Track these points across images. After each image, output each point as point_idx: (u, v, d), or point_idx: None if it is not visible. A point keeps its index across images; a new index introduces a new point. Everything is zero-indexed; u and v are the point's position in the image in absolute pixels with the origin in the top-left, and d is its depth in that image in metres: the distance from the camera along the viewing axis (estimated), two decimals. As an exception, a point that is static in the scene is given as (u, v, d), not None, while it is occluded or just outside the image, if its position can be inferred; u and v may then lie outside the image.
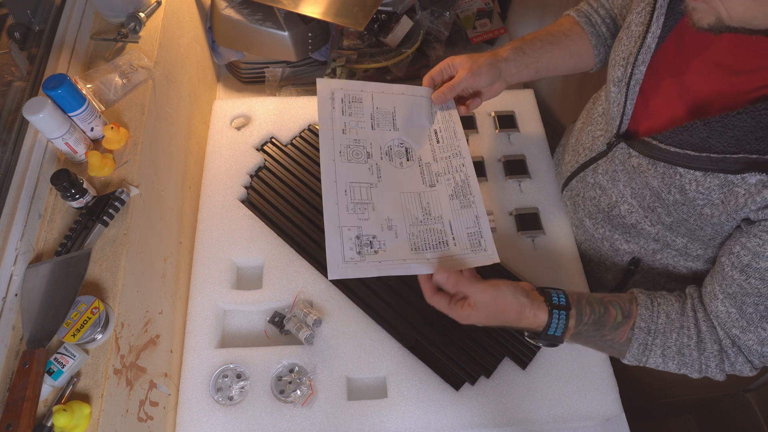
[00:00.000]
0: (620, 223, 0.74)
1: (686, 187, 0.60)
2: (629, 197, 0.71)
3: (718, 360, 0.62)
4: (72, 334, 0.57)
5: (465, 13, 1.18)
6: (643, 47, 0.64)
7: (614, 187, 0.73)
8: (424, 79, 0.82)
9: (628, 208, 0.72)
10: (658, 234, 0.70)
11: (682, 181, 0.60)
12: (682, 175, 0.60)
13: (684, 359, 0.63)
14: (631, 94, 0.67)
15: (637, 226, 0.72)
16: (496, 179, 0.94)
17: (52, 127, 0.65)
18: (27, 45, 0.77)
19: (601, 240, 0.80)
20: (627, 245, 0.76)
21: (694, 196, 0.59)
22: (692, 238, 0.67)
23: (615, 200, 0.73)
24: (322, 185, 0.70)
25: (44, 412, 0.55)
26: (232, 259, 0.85)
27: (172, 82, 0.86)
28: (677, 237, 0.69)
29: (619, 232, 0.76)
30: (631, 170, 0.68)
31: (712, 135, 0.56)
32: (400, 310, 0.80)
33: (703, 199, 0.59)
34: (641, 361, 0.65)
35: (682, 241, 0.69)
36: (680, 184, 0.60)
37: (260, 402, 0.74)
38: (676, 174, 0.61)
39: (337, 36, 1.01)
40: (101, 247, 0.65)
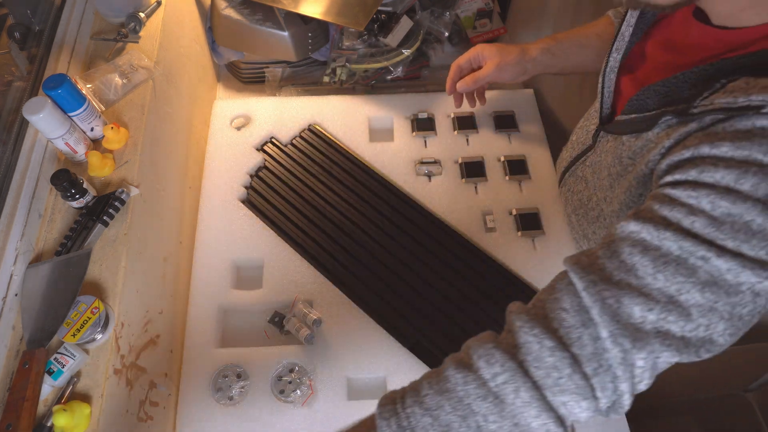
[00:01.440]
0: (593, 216, 0.74)
1: (622, 154, 0.61)
2: (607, 188, 0.71)
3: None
4: (72, 334, 0.57)
5: (465, 13, 1.18)
6: (618, 36, 0.66)
7: (595, 178, 0.73)
8: (452, 66, 0.85)
9: (603, 195, 0.72)
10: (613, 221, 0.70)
11: (621, 149, 0.62)
12: (624, 142, 0.61)
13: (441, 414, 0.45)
14: (607, 82, 0.68)
15: (601, 215, 0.72)
16: (496, 179, 0.94)
17: (52, 127, 0.65)
18: (27, 45, 0.77)
19: (583, 238, 0.80)
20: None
21: (626, 163, 0.61)
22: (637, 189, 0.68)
23: (592, 191, 0.74)
24: None
25: (44, 412, 0.55)
26: (232, 259, 0.85)
27: (172, 82, 0.86)
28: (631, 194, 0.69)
29: (591, 230, 0.77)
30: (606, 156, 0.69)
31: (648, 97, 0.57)
32: (400, 310, 0.80)
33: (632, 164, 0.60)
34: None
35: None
36: (619, 152, 0.62)
37: (260, 402, 0.73)
38: (621, 144, 0.62)
39: (337, 36, 1.01)
40: (101, 247, 0.65)
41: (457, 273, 0.83)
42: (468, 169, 0.94)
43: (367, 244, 0.86)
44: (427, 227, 0.88)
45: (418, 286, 0.82)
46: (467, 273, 0.83)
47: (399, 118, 1.01)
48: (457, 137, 0.99)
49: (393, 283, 0.82)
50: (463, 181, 0.94)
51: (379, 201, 0.90)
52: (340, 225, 0.88)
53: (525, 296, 0.81)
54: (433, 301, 0.81)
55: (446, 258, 0.85)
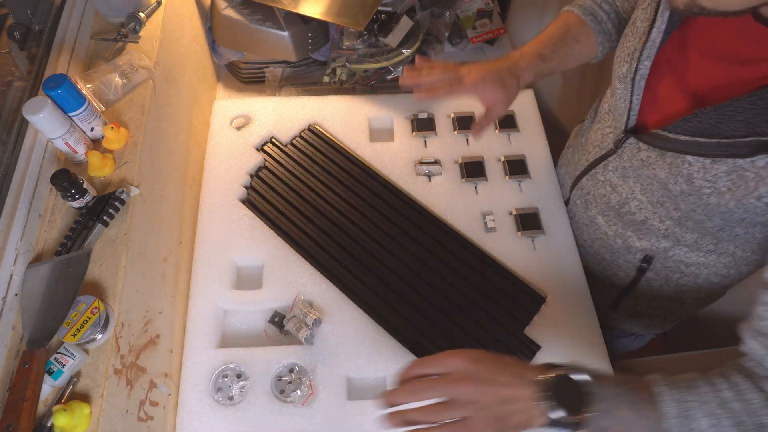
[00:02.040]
0: (631, 220, 0.74)
1: (693, 175, 0.60)
2: (639, 193, 0.71)
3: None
4: (72, 334, 0.57)
5: (465, 13, 1.18)
6: (648, 42, 0.65)
7: (624, 183, 0.73)
8: (441, 91, 0.78)
9: (637, 204, 0.72)
10: (668, 230, 0.70)
11: (690, 169, 0.60)
12: (691, 163, 0.59)
13: (735, 416, 0.51)
14: (636, 89, 0.67)
15: (647, 222, 0.72)
16: (496, 179, 0.94)
17: (52, 127, 0.65)
18: (27, 45, 0.77)
19: (614, 237, 0.79)
20: (639, 242, 0.76)
21: (701, 184, 0.59)
22: (702, 232, 0.67)
23: (625, 197, 0.73)
24: None
25: (44, 412, 0.55)
26: (232, 259, 0.85)
27: (172, 82, 0.86)
28: (687, 233, 0.68)
29: (631, 230, 0.76)
30: (640, 165, 0.68)
31: (721, 120, 0.56)
32: (400, 310, 0.80)
33: (709, 187, 0.58)
34: (686, 425, 0.51)
35: (692, 237, 0.68)
36: (687, 173, 0.60)
37: (260, 402, 0.73)
38: (684, 163, 0.60)
39: (337, 36, 1.01)
40: (101, 247, 0.65)
41: (457, 273, 0.83)
42: (468, 169, 0.94)
43: (367, 244, 0.86)
44: (427, 227, 0.88)
45: (418, 286, 0.82)
46: (467, 273, 0.83)
47: (399, 118, 1.01)
48: (457, 137, 0.99)
49: (393, 283, 0.82)
50: (463, 181, 0.94)
51: (379, 201, 0.90)
52: (340, 225, 0.88)
53: (525, 296, 0.82)
54: (433, 301, 0.81)
55: (446, 258, 0.85)
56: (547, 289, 0.83)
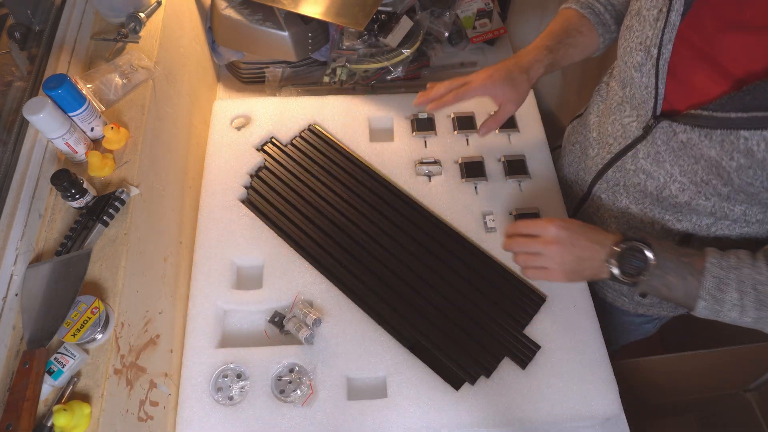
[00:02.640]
0: (671, 203, 0.73)
1: (753, 149, 0.59)
2: (678, 175, 0.70)
3: None
4: (72, 333, 0.57)
5: (465, 13, 1.18)
6: (668, 26, 0.65)
7: (660, 168, 0.72)
8: (451, 96, 0.81)
9: (678, 186, 0.71)
10: (714, 207, 0.70)
11: (748, 144, 0.59)
12: (748, 138, 0.59)
13: (759, 295, 0.61)
14: (661, 75, 0.67)
15: (691, 203, 0.71)
16: (496, 179, 0.94)
17: (52, 127, 0.65)
18: (27, 45, 0.77)
19: (651, 224, 0.79)
20: (679, 224, 0.75)
21: (764, 156, 0.59)
22: (752, 203, 0.67)
23: (663, 182, 0.72)
24: None
25: (44, 412, 0.55)
26: (232, 259, 0.85)
27: (172, 82, 0.86)
28: (735, 205, 0.68)
29: (670, 213, 0.75)
30: (679, 147, 0.68)
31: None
32: (400, 310, 0.80)
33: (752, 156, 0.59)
34: (717, 299, 0.63)
35: (740, 209, 0.69)
36: (746, 147, 0.60)
37: (260, 402, 0.74)
38: (739, 138, 0.60)
39: (337, 36, 1.01)
40: (101, 247, 0.65)
41: (457, 273, 0.83)
42: (468, 169, 0.94)
43: (367, 244, 0.86)
44: (427, 227, 0.88)
45: (418, 286, 0.82)
46: (467, 273, 0.83)
47: (399, 118, 1.01)
48: (457, 137, 0.99)
49: (393, 283, 0.82)
50: (463, 181, 0.94)
51: (379, 201, 0.90)
52: (341, 225, 0.88)
53: (525, 296, 0.82)
54: (433, 301, 0.81)
55: (446, 258, 0.85)
56: (547, 289, 0.83)
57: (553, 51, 0.83)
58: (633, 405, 0.82)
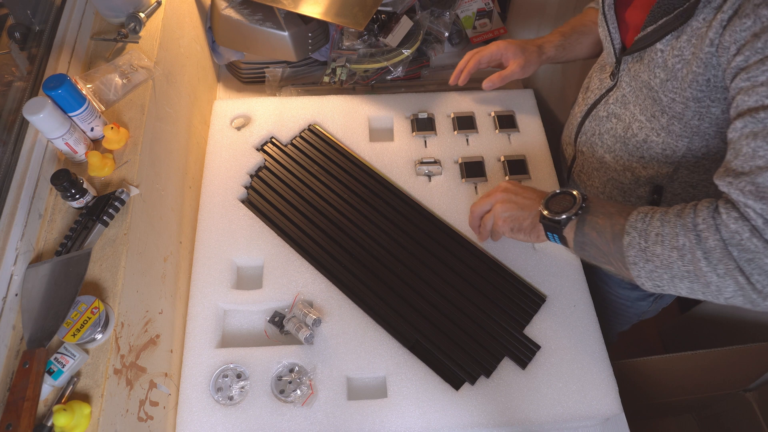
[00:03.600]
0: (634, 144, 0.78)
1: (667, 59, 0.65)
2: (638, 114, 0.76)
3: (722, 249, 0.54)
4: (72, 333, 0.57)
5: (465, 13, 1.18)
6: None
7: (626, 110, 0.78)
8: (470, 57, 0.96)
9: (638, 125, 0.76)
10: (664, 143, 0.74)
11: (662, 56, 0.66)
12: (662, 50, 0.66)
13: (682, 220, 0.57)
14: (609, 20, 0.75)
15: (648, 140, 0.76)
16: (496, 179, 0.94)
17: (52, 127, 0.65)
18: (27, 45, 0.77)
19: (623, 171, 0.82)
20: (645, 171, 0.79)
21: (673, 63, 0.65)
22: (691, 134, 0.70)
23: (628, 122, 0.78)
24: None
25: (44, 412, 0.55)
26: (232, 259, 0.85)
27: (172, 82, 0.86)
28: (678, 141, 0.72)
29: (636, 159, 0.79)
30: (635, 83, 0.74)
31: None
32: (400, 310, 0.80)
33: (679, 61, 0.64)
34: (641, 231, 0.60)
35: (684, 144, 0.72)
36: (662, 60, 0.66)
37: (260, 402, 0.74)
38: (656, 53, 0.67)
39: (337, 36, 1.01)
40: (101, 247, 0.65)
41: (457, 273, 0.83)
42: (468, 169, 0.94)
43: (367, 244, 0.86)
44: (427, 227, 0.88)
45: (418, 286, 0.82)
46: (467, 273, 0.83)
47: (399, 118, 1.01)
48: (457, 137, 0.99)
49: (393, 283, 0.82)
50: (463, 181, 0.94)
51: (379, 201, 0.90)
52: (340, 225, 0.88)
53: (525, 296, 0.82)
54: (433, 301, 0.81)
55: (446, 258, 0.85)
56: (547, 289, 0.83)
57: (566, 35, 0.93)
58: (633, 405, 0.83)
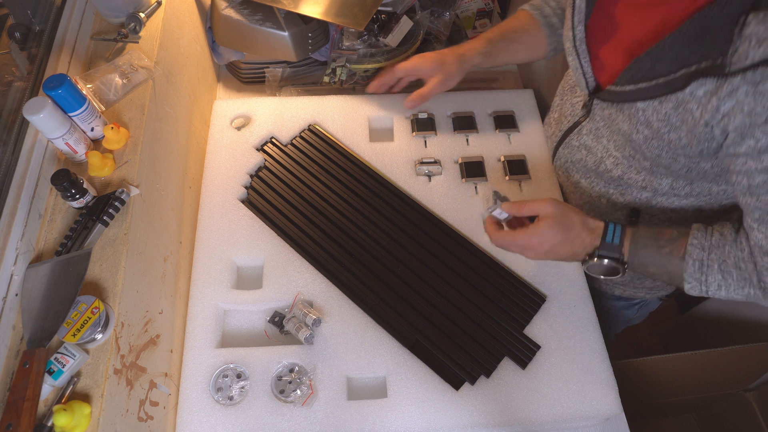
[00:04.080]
0: (609, 177, 0.78)
1: (650, 119, 0.64)
2: (613, 150, 0.75)
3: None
4: (72, 333, 0.57)
5: (465, 13, 1.18)
6: (576, 9, 0.71)
7: (598, 144, 0.77)
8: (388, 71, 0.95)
9: (613, 161, 0.76)
10: (645, 181, 0.73)
11: (645, 115, 0.64)
12: (644, 109, 0.64)
13: (742, 273, 0.63)
14: (581, 54, 0.73)
15: (624, 176, 0.75)
16: (496, 179, 0.94)
17: (52, 127, 0.65)
18: (27, 45, 0.77)
19: (598, 197, 0.83)
20: (623, 198, 0.79)
21: (658, 126, 0.63)
22: (674, 176, 0.70)
23: (600, 156, 0.77)
24: None
25: (44, 412, 0.55)
26: (232, 259, 0.85)
27: (172, 82, 0.86)
28: (662, 179, 0.72)
29: (612, 187, 0.79)
30: (608, 123, 0.73)
31: (655, 62, 0.61)
32: (400, 310, 0.80)
33: (665, 125, 0.63)
34: (701, 281, 0.65)
35: (667, 182, 0.72)
36: (645, 118, 0.65)
37: (260, 402, 0.74)
38: (638, 111, 0.65)
39: (337, 36, 1.01)
40: (101, 247, 0.65)
41: (457, 273, 0.83)
42: (468, 169, 0.94)
43: (366, 244, 0.86)
44: (427, 227, 0.88)
45: (418, 286, 0.82)
46: (467, 273, 0.83)
47: (399, 118, 1.01)
48: (457, 137, 0.99)
49: (393, 283, 0.82)
50: (463, 181, 0.94)
51: (379, 201, 0.90)
52: (340, 225, 0.88)
53: (525, 296, 0.82)
54: (433, 301, 0.81)
55: (446, 258, 0.85)
56: (547, 289, 0.83)
57: (493, 42, 0.91)
58: (633, 405, 0.83)
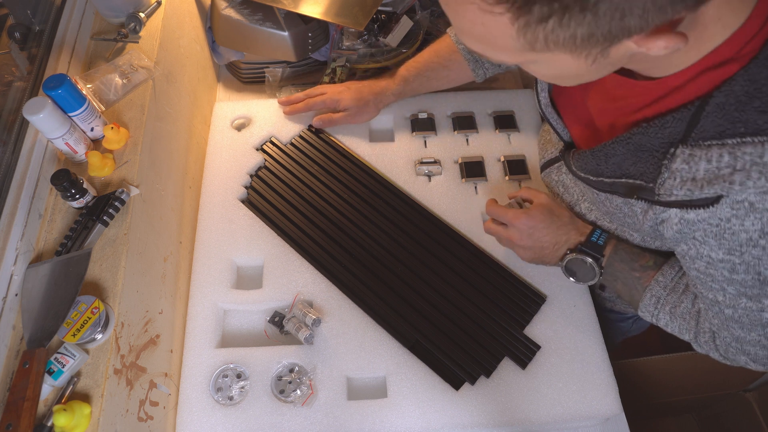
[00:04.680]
0: (584, 217, 0.77)
1: (605, 202, 0.65)
2: (586, 201, 0.75)
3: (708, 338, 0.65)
4: (72, 333, 0.57)
5: (465, 13, 1.18)
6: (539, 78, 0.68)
7: (575, 186, 0.76)
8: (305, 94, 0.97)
9: (587, 206, 0.75)
10: (617, 230, 0.73)
11: (600, 198, 0.65)
12: (597, 193, 0.65)
13: (686, 323, 0.67)
14: (549, 115, 0.74)
15: (597, 222, 0.75)
16: (496, 179, 0.94)
17: (52, 127, 0.65)
18: (27, 45, 0.77)
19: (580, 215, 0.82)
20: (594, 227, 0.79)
21: (613, 210, 0.64)
22: (643, 234, 0.70)
23: (576, 198, 0.77)
24: None
25: (44, 412, 0.55)
26: (232, 259, 0.85)
27: (172, 82, 0.86)
28: (633, 232, 0.71)
29: (585, 220, 0.79)
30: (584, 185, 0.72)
31: (599, 162, 0.60)
32: (400, 310, 0.80)
33: (619, 212, 0.63)
34: (653, 314, 0.69)
35: (638, 236, 0.71)
36: (600, 200, 0.66)
37: (260, 402, 0.74)
38: (595, 193, 0.66)
39: (337, 36, 1.01)
40: (101, 247, 0.65)
41: (456, 273, 0.83)
42: (468, 169, 0.94)
43: (366, 244, 0.86)
44: (427, 227, 0.88)
45: (418, 286, 0.82)
46: (467, 273, 0.83)
47: (399, 118, 1.01)
48: (457, 137, 0.99)
49: (393, 283, 0.82)
50: (463, 181, 0.94)
51: (379, 201, 0.90)
52: (340, 225, 0.88)
53: (525, 296, 0.82)
54: (433, 301, 0.81)
55: (446, 258, 0.85)
56: (547, 289, 0.83)
57: (410, 82, 0.93)
58: (633, 405, 0.83)
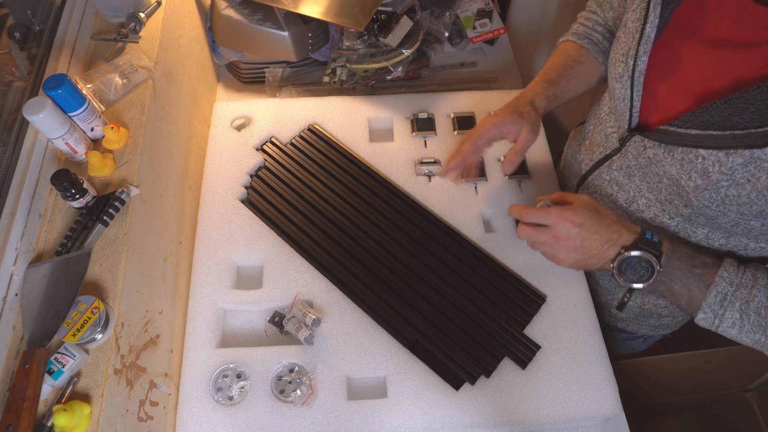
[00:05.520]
0: (639, 218, 0.74)
1: (709, 169, 0.59)
2: (646, 191, 0.71)
3: None
4: (72, 333, 0.57)
5: (465, 13, 1.18)
6: (643, 38, 0.65)
7: (630, 182, 0.73)
8: (463, 147, 0.78)
9: (645, 202, 0.72)
10: (678, 226, 0.70)
11: (704, 163, 0.59)
12: (705, 157, 0.59)
13: (760, 319, 0.61)
14: (636, 86, 0.67)
15: (656, 220, 0.71)
16: (496, 179, 0.94)
17: (52, 127, 0.65)
18: (27, 45, 0.77)
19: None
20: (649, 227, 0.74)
21: (718, 177, 0.58)
22: (713, 227, 0.66)
23: (632, 195, 0.73)
24: None
25: (44, 412, 0.55)
26: (232, 259, 0.85)
27: (172, 82, 0.86)
28: (697, 228, 0.68)
29: (638, 222, 0.75)
30: (646, 163, 0.68)
31: (734, 112, 0.55)
32: (400, 310, 0.80)
33: (727, 179, 0.57)
34: (717, 314, 0.63)
35: (703, 232, 0.68)
36: (702, 167, 0.59)
37: (260, 402, 0.74)
38: (697, 157, 0.59)
39: (337, 36, 1.01)
40: (101, 247, 0.65)
41: (456, 273, 0.83)
42: (468, 169, 0.94)
43: (366, 244, 0.86)
44: (427, 227, 0.88)
45: (418, 286, 0.82)
46: (467, 273, 0.83)
47: (399, 118, 1.01)
48: (457, 137, 0.99)
49: (393, 283, 0.82)
50: (463, 180, 0.94)
51: (379, 201, 0.90)
52: (340, 225, 0.88)
53: (525, 296, 0.82)
54: (433, 301, 0.81)
55: (446, 258, 0.85)
56: (547, 289, 0.83)
57: (554, 83, 0.81)
58: (633, 405, 0.82)
